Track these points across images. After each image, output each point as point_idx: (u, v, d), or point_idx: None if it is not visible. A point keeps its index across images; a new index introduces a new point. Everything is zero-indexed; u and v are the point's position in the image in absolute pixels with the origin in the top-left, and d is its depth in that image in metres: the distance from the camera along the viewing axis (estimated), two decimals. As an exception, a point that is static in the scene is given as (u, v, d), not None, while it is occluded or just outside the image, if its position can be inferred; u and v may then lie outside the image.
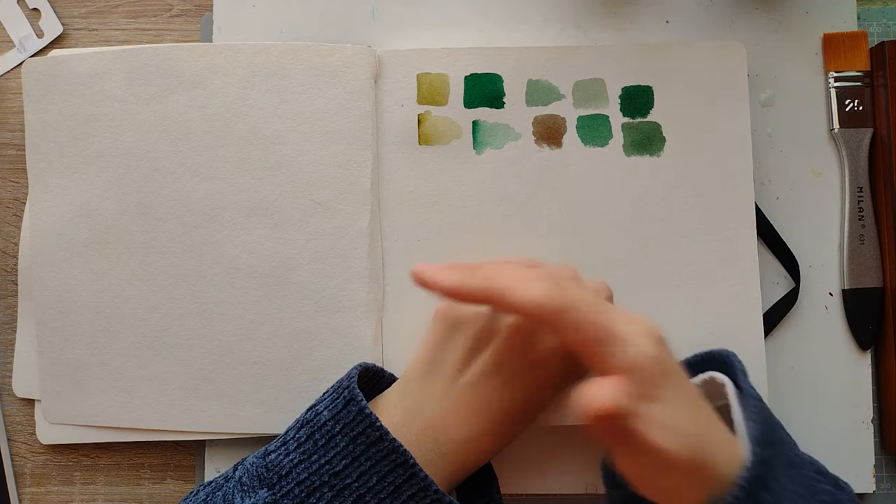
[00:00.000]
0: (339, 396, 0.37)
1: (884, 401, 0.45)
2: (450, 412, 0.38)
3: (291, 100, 0.45)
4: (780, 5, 0.47)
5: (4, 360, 0.48)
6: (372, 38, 0.47)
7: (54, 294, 0.45)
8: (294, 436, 0.38)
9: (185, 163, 0.45)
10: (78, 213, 0.45)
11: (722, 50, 0.45)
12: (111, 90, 0.45)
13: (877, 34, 0.48)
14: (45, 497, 0.47)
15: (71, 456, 0.47)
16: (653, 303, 0.44)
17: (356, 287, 0.44)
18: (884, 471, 0.45)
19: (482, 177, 0.45)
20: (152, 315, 0.45)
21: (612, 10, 0.47)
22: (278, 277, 0.44)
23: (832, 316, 0.46)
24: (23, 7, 0.49)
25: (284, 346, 0.44)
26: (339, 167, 0.45)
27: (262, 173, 0.45)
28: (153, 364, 0.45)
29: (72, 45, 0.49)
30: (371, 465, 0.36)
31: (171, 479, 0.47)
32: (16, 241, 0.48)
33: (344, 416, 0.37)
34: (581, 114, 0.45)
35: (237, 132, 0.45)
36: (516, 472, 0.45)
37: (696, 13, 0.47)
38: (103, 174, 0.45)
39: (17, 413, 0.47)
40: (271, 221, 0.45)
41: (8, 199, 0.49)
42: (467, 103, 0.45)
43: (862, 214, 0.46)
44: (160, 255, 0.45)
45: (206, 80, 0.45)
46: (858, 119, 0.46)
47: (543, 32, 0.47)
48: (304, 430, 0.38)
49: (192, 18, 0.49)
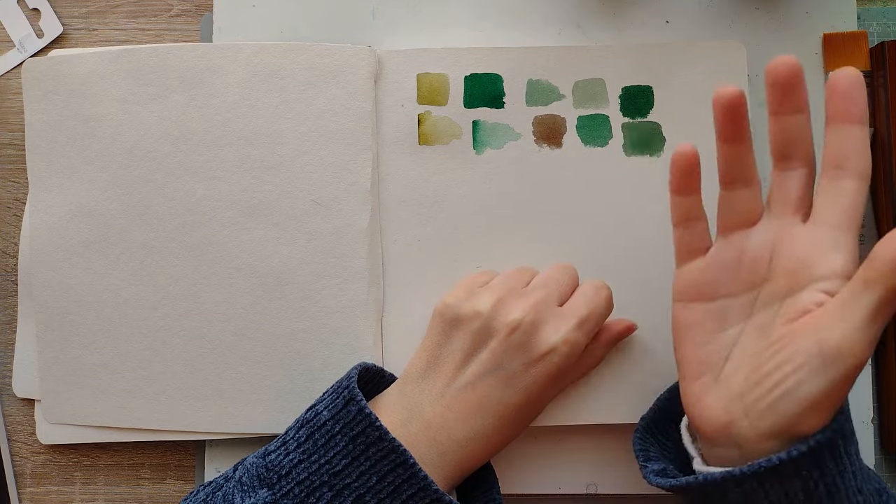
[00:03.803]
0: (339, 396, 0.37)
1: (884, 401, 0.45)
2: (449, 412, 0.38)
3: (291, 100, 0.45)
4: (780, 5, 0.47)
5: (4, 360, 0.48)
6: (372, 38, 0.47)
7: (54, 294, 0.45)
8: (294, 436, 0.38)
9: (185, 163, 0.45)
10: (78, 213, 0.45)
11: (722, 50, 0.45)
12: (111, 90, 0.45)
13: (877, 34, 0.48)
14: (45, 497, 0.47)
15: (71, 456, 0.47)
16: (653, 302, 0.44)
17: (356, 287, 0.44)
18: (884, 471, 0.45)
19: (482, 177, 0.45)
20: (152, 315, 0.45)
21: (612, 10, 0.47)
22: (278, 277, 0.44)
23: (832, 316, 0.46)
24: (23, 7, 0.49)
25: (284, 346, 0.44)
26: (339, 167, 0.45)
27: (261, 173, 0.45)
28: (153, 364, 0.45)
29: (72, 45, 0.49)
30: (371, 465, 0.36)
31: (171, 479, 0.47)
32: (16, 241, 0.48)
33: (343, 416, 0.37)
34: (581, 114, 0.45)
35: (237, 132, 0.45)
36: (516, 472, 0.45)
37: (696, 13, 0.47)
38: (103, 174, 0.45)
39: (17, 413, 0.47)
40: (271, 221, 0.45)
41: (8, 199, 0.49)
42: (467, 103, 0.45)
43: (862, 214, 0.46)
44: (160, 254, 0.45)
45: (206, 80, 0.45)
46: (858, 119, 0.46)
47: (543, 32, 0.47)
48: (303, 429, 0.38)
49: (192, 18, 0.49)
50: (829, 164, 0.34)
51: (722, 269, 0.36)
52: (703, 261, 0.37)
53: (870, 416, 0.45)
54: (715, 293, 0.36)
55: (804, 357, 0.32)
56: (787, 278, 0.34)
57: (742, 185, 0.36)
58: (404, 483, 0.36)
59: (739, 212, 0.36)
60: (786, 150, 0.35)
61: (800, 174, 0.35)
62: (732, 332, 0.36)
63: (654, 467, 0.37)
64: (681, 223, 0.37)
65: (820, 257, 0.33)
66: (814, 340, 0.32)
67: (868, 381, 0.45)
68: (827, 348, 0.31)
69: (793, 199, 0.35)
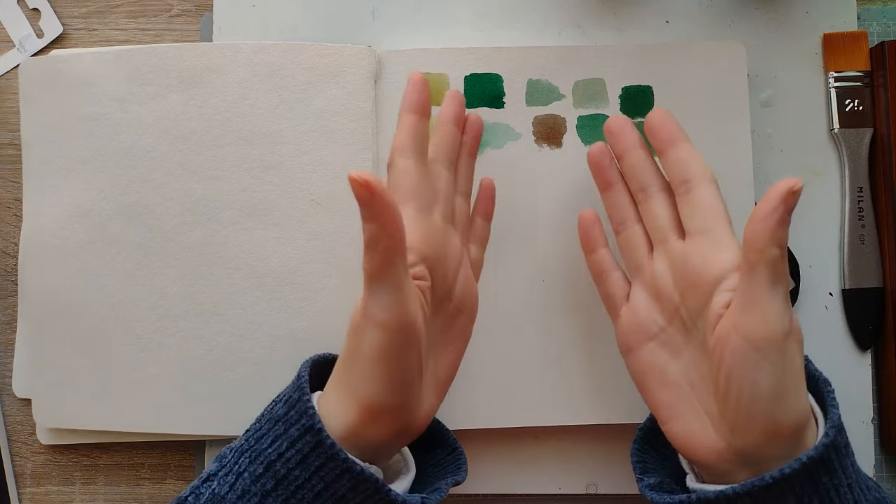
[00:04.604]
0: (295, 388, 0.36)
1: (884, 401, 0.45)
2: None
3: (291, 99, 0.45)
4: (780, 5, 0.47)
5: (4, 360, 0.48)
6: (372, 38, 0.47)
7: (46, 295, 0.45)
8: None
9: (184, 162, 0.45)
10: (74, 214, 0.45)
11: (722, 50, 0.45)
12: (110, 90, 0.45)
13: (877, 34, 0.48)
14: (45, 497, 0.47)
15: (71, 456, 0.47)
16: (653, 303, 0.44)
17: (356, 287, 0.44)
18: (884, 471, 0.45)
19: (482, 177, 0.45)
20: (148, 316, 0.45)
21: (612, 10, 0.47)
22: (278, 277, 0.44)
23: (832, 316, 0.46)
24: (23, 7, 0.49)
25: (284, 347, 0.44)
26: (339, 167, 0.45)
27: (261, 173, 0.45)
28: (149, 366, 0.44)
29: (72, 45, 0.49)
30: (284, 430, 0.34)
31: (171, 479, 0.47)
32: (16, 241, 0.48)
33: (289, 388, 0.36)
34: (581, 114, 0.45)
35: (237, 132, 0.45)
36: (516, 472, 0.45)
37: (696, 13, 0.47)
38: (100, 174, 0.45)
39: (18, 413, 0.47)
40: (271, 221, 0.45)
41: (8, 199, 0.48)
42: (467, 103, 0.45)
43: (862, 214, 0.46)
44: (157, 255, 0.45)
45: (206, 79, 0.45)
46: (858, 119, 0.46)
47: (543, 32, 0.47)
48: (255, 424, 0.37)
49: (192, 18, 0.49)
50: (677, 182, 0.37)
51: (645, 307, 0.38)
52: (628, 306, 0.39)
53: (870, 416, 0.45)
54: (650, 332, 0.37)
55: (741, 357, 0.32)
56: (693, 293, 0.35)
57: (630, 224, 0.39)
58: (311, 452, 0.33)
59: (637, 249, 0.39)
60: (639, 183, 0.39)
61: (659, 198, 0.38)
62: (682, 362, 0.36)
63: (649, 481, 0.37)
64: (597, 277, 0.41)
65: (707, 263, 0.35)
66: (740, 337, 0.32)
67: (868, 381, 0.45)
68: (754, 338, 0.32)
69: (663, 222, 0.38)
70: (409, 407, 0.35)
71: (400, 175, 0.37)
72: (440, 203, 0.39)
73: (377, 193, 0.31)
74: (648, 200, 0.38)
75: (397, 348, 0.33)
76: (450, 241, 0.38)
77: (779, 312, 0.32)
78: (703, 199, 0.36)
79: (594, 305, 0.43)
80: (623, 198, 0.40)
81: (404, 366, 0.34)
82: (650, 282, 0.38)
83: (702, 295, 0.35)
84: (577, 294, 0.44)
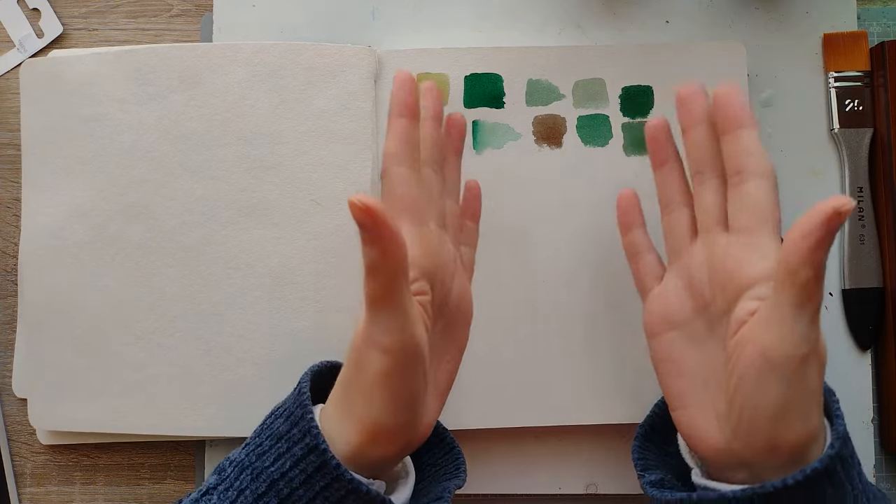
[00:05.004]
0: (296, 404, 0.36)
1: (884, 401, 0.45)
2: None
3: (291, 100, 0.45)
4: (780, 5, 0.47)
5: (4, 360, 0.48)
6: (372, 38, 0.47)
7: (44, 296, 0.45)
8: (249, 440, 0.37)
9: (184, 162, 0.45)
10: (73, 214, 0.45)
11: (722, 50, 0.45)
12: (110, 90, 0.45)
13: (877, 34, 0.48)
14: (45, 497, 0.47)
15: (71, 456, 0.47)
16: (653, 303, 0.44)
17: (356, 287, 0.44)
18: (884, 471, 0.45)
19: (482, 177, 0.45)
20: (147, 316, 0.44)
21: (612, 10, 0.47)
22: (277, 277, 0.44)
23: (832, 316, 0.46)
24: (23, 7, 0.49)
25: (283, 347, 0.44)
26: (339, 167, 0.45)
27: (261, 173, 0.45)
28: (147, 367, 0.44)
29: (72, 45, 0.49)
30: (287, 448, 0.34)
31: (171, 479, 0.47)
32: (16, 241, 0.48)
33: (290, 402, 0.36)
34: (581, 114, 0.45)
35: (237, 132, 0.45)
36: (516, 472, 0.45)
37: (696, 13, 0.47)
38: (100, 174, 0.45)
39: (18, 413, 0.47)
40: (271, 221, 0.45)
41: (8, 199, 0.49)
42: (467, 103, 0.45)
43: (862, 214, 0.46)
44: (157, 255, 0.45)
45: (206, 79, 0.45)
46: (858, 119, 0.46)
47: (543, 32, 0.47)
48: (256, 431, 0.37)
49: (192, 18, 0.49)
50: (731, 171, 0.35)
51: (676, 295, 0.37)
52: (659, 289, 0.38)
53: (870, 416, 0.45)
54: (676, 320, 0.37)
55: (754, 369, 0.32)
56: (723, 293, 0.35)
57: (677, 207, 0.38)
58: (316, 472, 0.33)
59: (680, 234, 0.38)
60: (697, 164, 0.37)
61: (712, 185, 0.36)
62: (702, 356, 0.36)
63: (650, 478, 0.37)
64: (631, 257, 0.40)
65: (741, 266, 0.34)
66: (757, 350, 0.32)
67: (868, 381, 0.45)
68: (770, 355, 0.31)
69: (712, 211, 0.36)
70: (414, 424, 0.35)
71: (395, 184, 0.36)
72: (433, 208, 0.38)
73: (379, 218, 0.29)
74: (702, 185, 0.37)
75: (402, 371, 0.32)
76: (444, 248, 0.38)
77: (801, 335, 0.31)
78: (753, 194, 0.34)
79: (595, 305, 0.43)
80: (674, 177, 0.38)
81: (409, 386, 0.33)
82: (686, 271, 0.37)
83: (730, 296, 0.34)
84: (577, 294, 0.44)
